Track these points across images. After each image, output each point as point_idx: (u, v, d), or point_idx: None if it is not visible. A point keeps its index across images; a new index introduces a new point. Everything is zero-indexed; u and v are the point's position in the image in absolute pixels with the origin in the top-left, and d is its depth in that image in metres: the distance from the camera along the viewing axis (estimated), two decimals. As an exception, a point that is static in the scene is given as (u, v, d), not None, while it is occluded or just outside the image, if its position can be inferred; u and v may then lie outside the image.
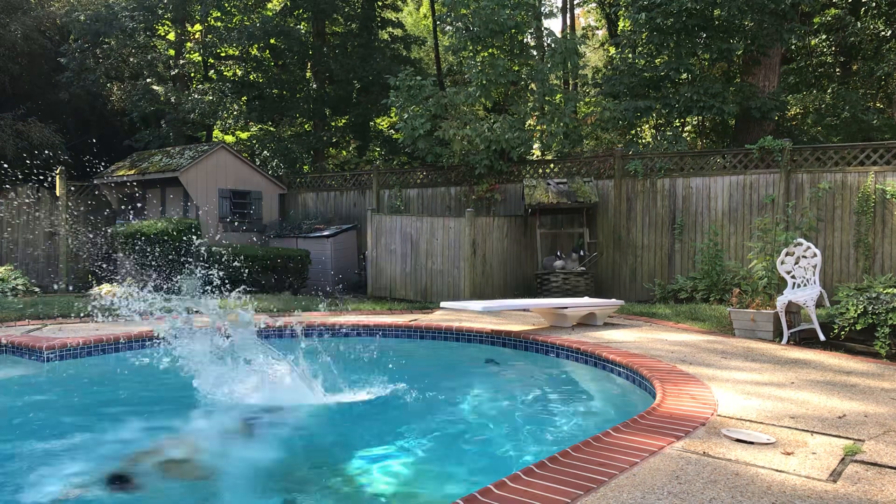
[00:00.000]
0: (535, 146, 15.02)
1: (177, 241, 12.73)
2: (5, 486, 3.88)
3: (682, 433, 3.84)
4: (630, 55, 15.45)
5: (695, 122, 18.08)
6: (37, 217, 14.95)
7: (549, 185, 11.67)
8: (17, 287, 11.62)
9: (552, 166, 12.86)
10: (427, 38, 23.79)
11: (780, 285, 8.04)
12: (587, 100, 16.66)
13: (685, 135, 17.62)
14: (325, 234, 13.80)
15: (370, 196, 14.69)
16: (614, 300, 9.01)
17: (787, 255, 7.73)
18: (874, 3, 16.52)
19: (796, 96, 17.96)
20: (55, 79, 17.62)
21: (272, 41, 19.02)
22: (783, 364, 5.86)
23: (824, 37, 17.85)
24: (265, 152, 18.44)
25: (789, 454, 3.53)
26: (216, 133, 21.09)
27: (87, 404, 5.66)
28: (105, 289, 11.97)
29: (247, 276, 12.72)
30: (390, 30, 21.20)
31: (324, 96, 19.41)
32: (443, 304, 8.01)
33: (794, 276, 7.65)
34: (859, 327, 6.63)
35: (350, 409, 5.45)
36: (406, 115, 13.40)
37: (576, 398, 6.07)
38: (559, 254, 11.49)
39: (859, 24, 16.02)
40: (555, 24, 52.52)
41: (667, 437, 3.76)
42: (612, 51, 20.01)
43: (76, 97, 17.58)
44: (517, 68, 13.96)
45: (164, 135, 17.60)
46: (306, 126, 20.80)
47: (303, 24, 20.23)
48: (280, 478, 4.12)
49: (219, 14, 18.13)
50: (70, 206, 15.19)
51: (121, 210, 15.31)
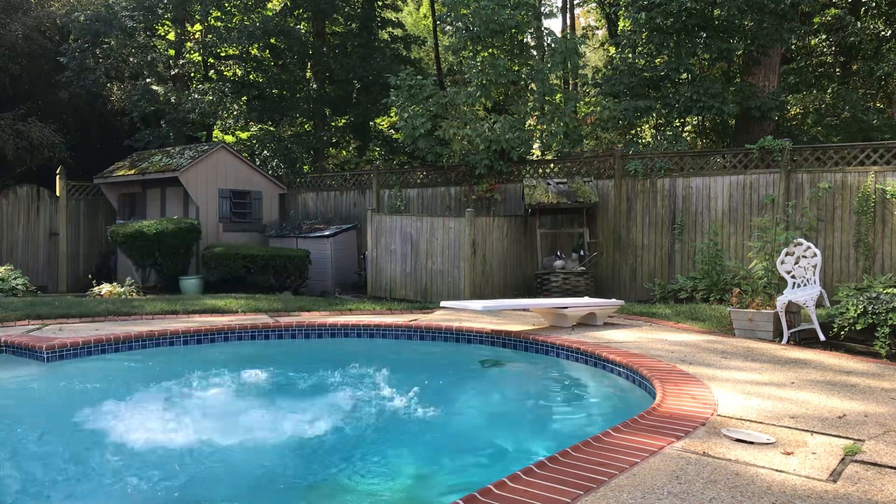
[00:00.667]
0: (535, 146, 15.03)
1: (177, 240, 12.73)
2: (5, 486, 3.88)
3: (682, 433, 3.84)
4: (630, 55, 15.44)
5: (695, 122, 18.08)
6: (37, 217, 14.95)
7: (549, 185, 11.67)
8: (17, 287, 11.61)
9: (552, 166, 12.86)
10: (427, 38, 23.79)
11: (780, 285, 8.04)
12: (587, 100, 16.67)
13: (685, 135, 17.62)
14: (325, 234, 13.80)
15: (370, 196, 14.69)
16: (614, 300, 9.00)
17: (787, 254, 7.73)
18: (874, 3, 16.52)
19: (796, 96, 17.96)
20: (55, 79, 17.62)
21: (272, 41, 19.03)
22: (783, 364, 5.86)
23: (824, 37, 17.85)
24: (265, 152, 18.44)
25: (789, 454, 3.53)
26: (216, 133, 21.09)
27: (86, 403, 5.66)
28: (105, 289, 11.97)
29: (247, 276, 12.73)
30: (390, 30, 21.20)
31: (324, 96, 19.41)
32: (443, 303, 8.01)
33: (794, 276, 7.65)
34: (859, 327, 6.62)
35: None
36: (406, 115, 13.40)
37: (576, 398, 6.07)
38: (559, 254, 11.48)
39: (859, 24, 16.02)
40: (555, 24, 52.56)
41: (667, 437, 3.76)
42: (612, 51, 20.01)
43: (76, 97, 17.57)
44: (517, 68, 13.97)
45: (164, 135, 17.59)
46: (306, 126, 20.80)
47: (303, 24, 20.23)
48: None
49: (219, 14, 18.13)
50: (70, 206, 15.20)
51: (121, 210, 15.31)
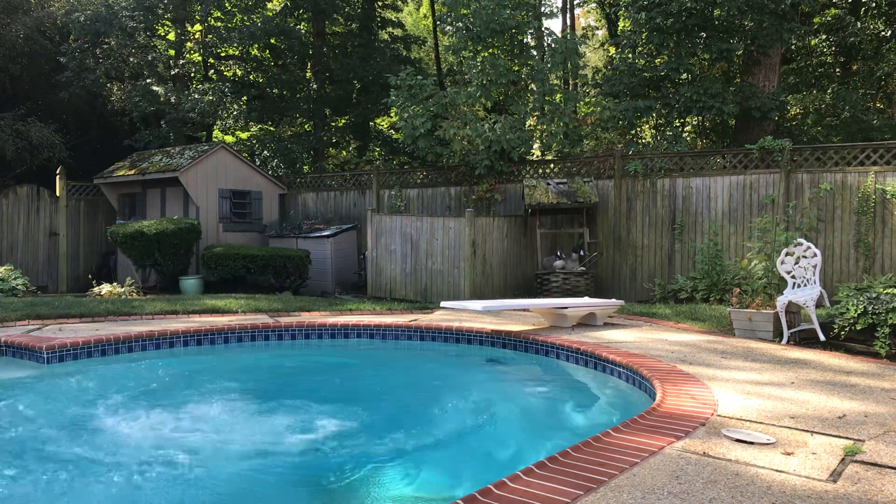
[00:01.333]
0: (535, 146, 15.02)
1: (177, 240, 12.73)
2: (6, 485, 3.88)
3: (682, 433, 3.84)
4: (630, 55, 15.44)
5: (695, 122, 18.08)
6: (37, 217, 14.95)
7: (549, 185, 11.67)
8: (17, 287, 11.61)
9: (552, 166, 12.86)
10: (427, 38, 23.79)
11: (780, 285, 8.04)
12: (587, 100, 16.66)
13: (685, 135, 17.62)
14: (325, 234, 13.79)
15: (370, 196, 14.69)
16: (614, 300, 9.00)
17: (787, 255, 7.73)
18: (874, 3, 16.52)
19: (796, 96, 17.96)
20: (55, 79, 17.62)
21: (272, 41, 19.03)
22: (783, 364, 5.86)
23: (824, 37, 17.85)
24: (265, 152, 18.44)
25: (789, 454, 3.53)
26: (216, 133, 21.09)
27: (86, 404, 5.66)
28: (105, 289, 11.97)
29: (247, 276, 12.73)
30: (390, 30, 21.20)
31: (324, 96, 19.41)
32: (443, 303, 8.01)
33: (794, 276, 7.65)
34: (859, 327, 6.62)
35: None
36: (406, 115, 13.40)
37: (576, 398, 6.07)
38: (559, 254, 11.48)
39: (859, 24, 16.02)
40: (555, 24, 52.59)
41: (667, 438, 3.76)
42: (612, 51, 20.01)
43: (76, 97, 17.58)
44: (517, 68, 13.96)
45: (164, 135, 17.60)
46: (306, 126, 20.80)
47: (303, 24, 20.23)
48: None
49: (219, 14, 18.13)
50: (70, 206, 15.19)
51: (121, 210, 15.31)
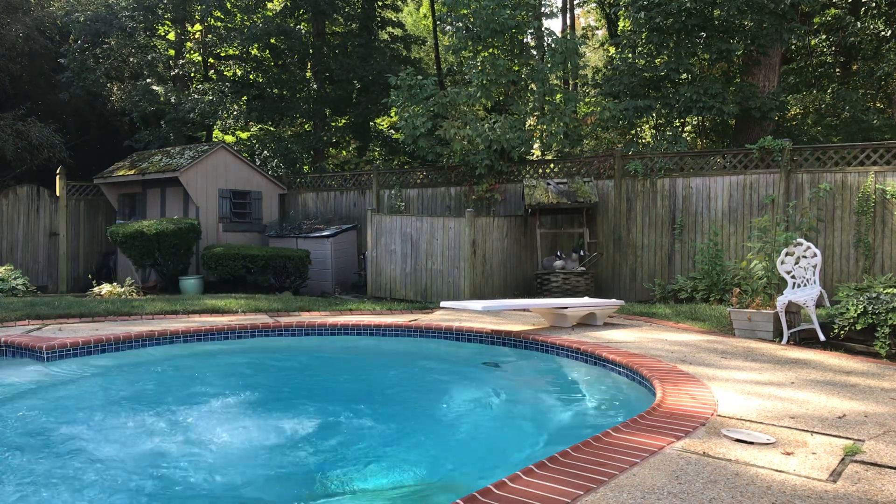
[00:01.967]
0: (536, 146, 15.02)
1: (177, 240, 12.73)
2: (5, 487, 3.89)
3: (682, 433, 3.84)
4: (630, 55, 15.44)
5: (695, 122, 18.08)
6: (37, 217, 14.95)
7: (549, 185, 11.67)
8: (17, 287, 11.61)
9: (552, 166, 12.86)
10: (427, 38, 23.79)
11: (780, 285, 8.04)
12: (587, 100, 16.66)
13: (685, 135, 17.62)
14: (325, 234, 13.79)
15: (370, 196, 14.69)
16: (614, 300, 9.00)
17: (787, 255, 7.73)
18: (874, 3, 16.52)
19: (796, 96, 17.96)
20: (55, 79, 17.62)
21: (272, 41, 19.03)
22: (783, 364, 5.86)
23: (824, 37, 17.85)
24: (265, 152, 18.44)
25: (789, 454, 3.53)
26: (216, 133, 21.09)
27: (86, 403, 5.66)
28: (105, 289, 11.97)
29: (247, 276, 12.73)
30: (390, 30, 21.20)
31: (324, 96, 19.41)
32: (443, 303, 8.01)
33: (794, 276, 7.65)
34: (859, 327, 6.62)
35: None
36: (406, 115, 13.40)
37: (576, 398, 6.07)
38: (559, 254, 11.48)
39: (859, 24, 16.02)
40: (555, 24, 52.59)
41: (667, 437, 3.76)
42: (612, 51, 20.01)
43: (76, 97, 17.58)
44: (517, 68, 13.96)
45: (164, 135, 17.60)
46: (306, 126, 20.80)
47: (303, 24, 20.23)
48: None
49: (220, 14, 18.14)
50: (70, 206, 15.19)
51: (121, 210, 15.31)
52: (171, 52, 19.18)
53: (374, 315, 9.08)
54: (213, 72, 20.26)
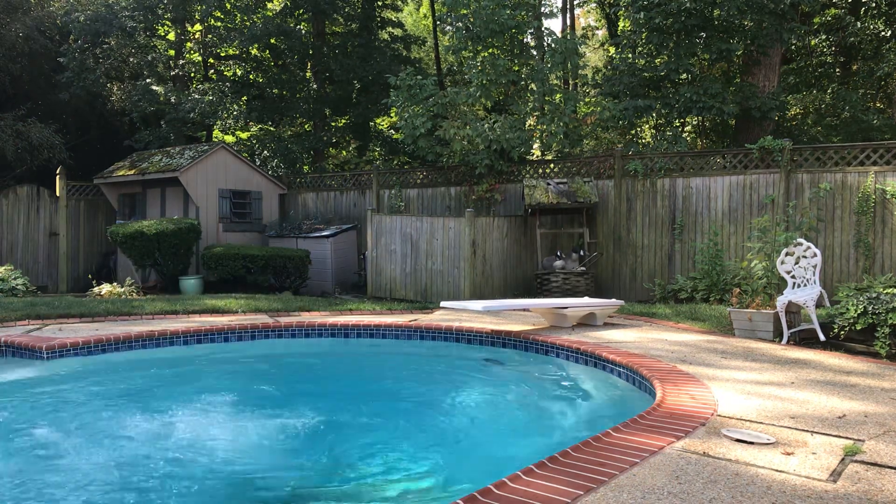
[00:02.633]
0: (535, 146, 15.02)
1: (177, 240, 12.73)
2: (6, 487, 3.89)
3: (683, 433, 3.84)
4: (630, 55, 15.44)
5: (695, 122, 18.08)
6: (37, 217, 14.95)
7: (548, 185, 11.67)
8: (17, 287, 11.61)
9: (552, 166, 12.86)
10: (427, 38, 23.79)
11: (780, 285, 8.04)
12: (587, 100, 16.66)
13: (685, 135, 17.62)
14: (325, 234, 13.79)
15: (370, 196, 14.69)
16: (614, 300, 9.00)
17: (787, 255, 7.73)
18: (874, 3, 16.52)
19: (796, 96, 17.96)
20: (55, 79, 17.62)
21: (272, 41, 19.03)
22: (783, 364, 5.86)
23: (824, 37, 17.85)
24: (265, 152, 18.44)
25: (789, 454, 3.53)
26: (216, 133, 21.09)
27: (86, 403, 5.67)
28: (105, 289, 11.97)
29: (247, 276, 12.73)
30: (390, 30, 21.20)
31: (324, 96, 19.41)
32: (443, 303, 8.01)
33: (794, 276, 7.65)
34: (859, 327, 6.62)
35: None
36: (406, 115, 13.40)
37: (576, 398, 6.07)
38: (559, 254, 11.48)
39: (859, 24, 16.02)
40: (555, 24, 52.60)
41: (667, 437, 3.76)
42: (612, 51, 20.01)
43: (76, 97, 17.57)
44: (517, 68, 13.96)
45: (164, 135, 17.60)
46: (306, 126, 20.80)
47: (303, 24, 20.23)
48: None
49: (220, 14, 18.14)
50: (70, 206, 15.19)
51: (121, 210, 15.31)
52: (171, 52, 19.17)
53: (374, 315, 9.08)
54: (213, 72, 20.26)
